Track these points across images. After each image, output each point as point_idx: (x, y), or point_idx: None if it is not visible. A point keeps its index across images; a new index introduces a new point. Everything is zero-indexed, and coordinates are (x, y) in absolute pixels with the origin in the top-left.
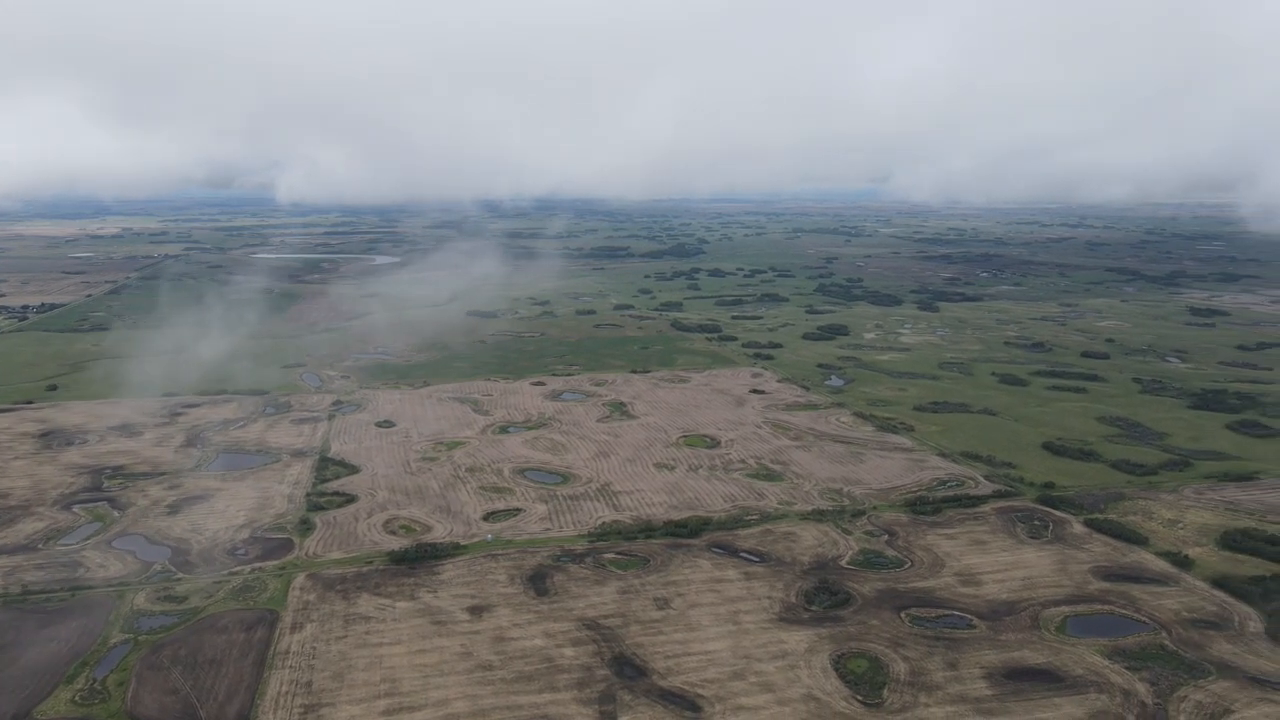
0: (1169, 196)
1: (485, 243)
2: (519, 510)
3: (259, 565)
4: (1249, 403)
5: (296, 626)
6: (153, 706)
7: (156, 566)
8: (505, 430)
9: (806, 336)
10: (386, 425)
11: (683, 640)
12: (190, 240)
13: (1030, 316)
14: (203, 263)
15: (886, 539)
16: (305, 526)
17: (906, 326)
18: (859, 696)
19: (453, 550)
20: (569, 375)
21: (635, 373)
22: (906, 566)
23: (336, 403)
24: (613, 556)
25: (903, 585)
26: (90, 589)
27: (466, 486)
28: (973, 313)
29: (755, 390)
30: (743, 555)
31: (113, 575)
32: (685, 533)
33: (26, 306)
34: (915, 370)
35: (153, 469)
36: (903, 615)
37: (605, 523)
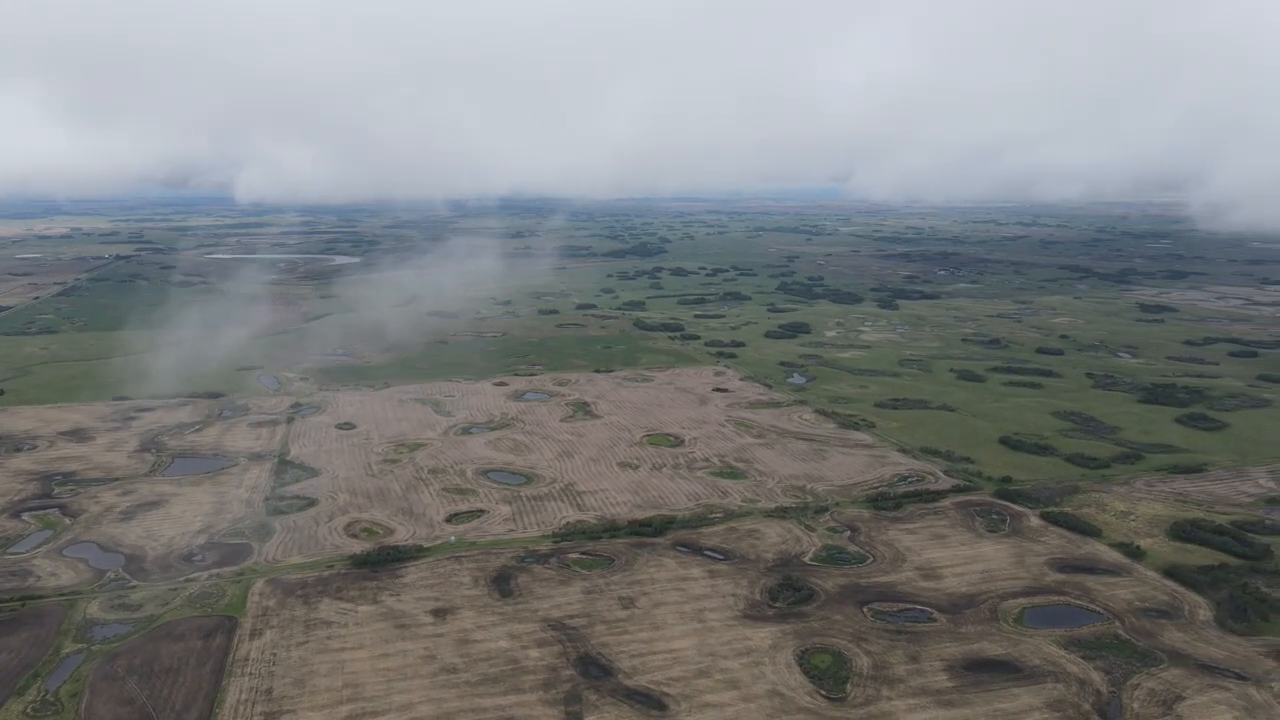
0: (1120, 195)
1: (446, 243)
2: (482, 511)
3: (216, 571)
4: (1197, 397)
5: (256, 633)
6: (107, 717)
7: (110, 574)
8: (468, 431)
9: (769, 335)
10: (347, 427)
11: (648, 639)
12: (142, 240)
13: (987, 314)
14: (155, 263)
15: (849, 535)
16: (264, 531)
17: (867, 324)
18: (823, 691)
19: (416, 553)
20: (532, 375)
21: (598, 372)
22: (869, 562)
23: (295, 405)
24: (577, 556)
25: (865, 580)
26: (41, 598)
27: (429, 488)
28: (931, 310)
29: (718, 389)
30: (707, 553)
31: (64, 584)
32: (649, 532)
33: None
34: (876, 367)
35: (105, 474)
36: (865, 610)
37: (569, 523)
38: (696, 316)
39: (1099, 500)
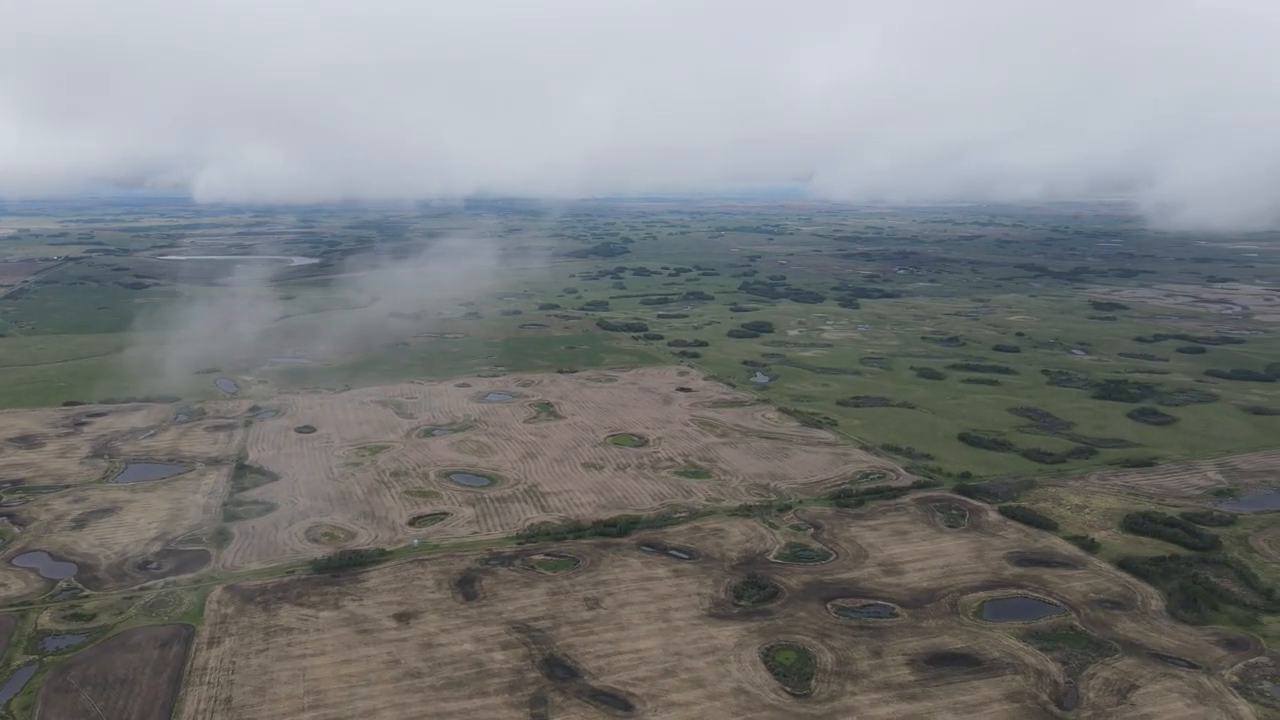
0: (1075, 196)
1: (407, 243)
2: (446, 514)
3: (173, 579)
4: (1147, 392)
5: (214, 641)
6: None
7: (61, 584)
8: (430, 433)
9: (731, 334)
10: (307, 430)
11: (613, 639)
12: (93, 241)
13: (945, 312)
14: (106, 265)
15: (812, 532)
16: (222, 537)
17: (828, 323)
18: (788, 688)
19: (378, 557)
20: (495, 376)
21: (562, 373)
22: (832, 559)
23: (253, 408)
24: (542, 558)
25: (828, 577)
26: None
27: (391, 491)
28: (891, 309)
29: (682, 388)
30: (672, 553)
31: (13, 594)
32: (614, 532)
33: None
34: (837, 366)
35: (56, 481)
36: (829, 606)
37: (534, 524)
38: (660, 316)
39: (1055, 495)
